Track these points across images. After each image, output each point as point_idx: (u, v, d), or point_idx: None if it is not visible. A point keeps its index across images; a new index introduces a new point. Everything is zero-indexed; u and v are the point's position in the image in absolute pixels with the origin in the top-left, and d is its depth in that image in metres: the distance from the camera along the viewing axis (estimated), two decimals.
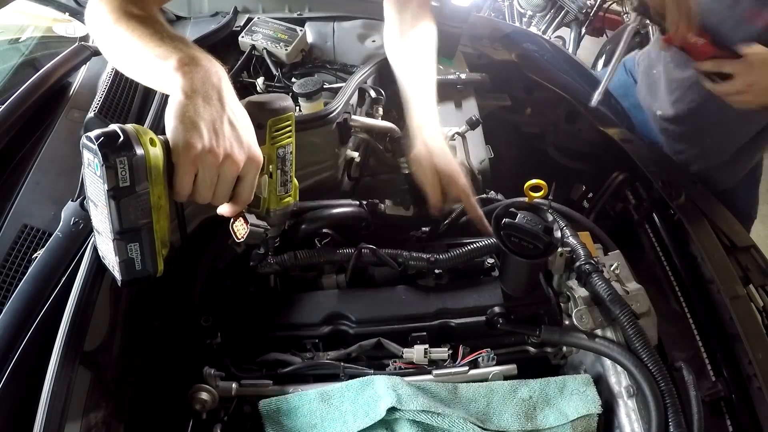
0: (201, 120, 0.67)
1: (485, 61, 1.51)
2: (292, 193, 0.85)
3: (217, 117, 0.69)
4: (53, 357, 0.68)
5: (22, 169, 1.04)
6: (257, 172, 0.74)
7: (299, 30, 1.39)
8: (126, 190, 0.62)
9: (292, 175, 0.83)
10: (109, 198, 0.62)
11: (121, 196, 0.62)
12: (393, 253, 0.95)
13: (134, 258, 0.67)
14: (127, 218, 0.64)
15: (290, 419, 0.80)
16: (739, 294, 1.01)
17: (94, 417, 0.72)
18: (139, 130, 0.64)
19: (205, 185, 0.69)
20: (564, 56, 1.66)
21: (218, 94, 0.70)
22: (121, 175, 0.61)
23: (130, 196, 0.63)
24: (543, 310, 0.94)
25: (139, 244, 0.66)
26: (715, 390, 0.90)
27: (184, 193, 0.68)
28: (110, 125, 0.63)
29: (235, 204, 0.76)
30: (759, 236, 1.37)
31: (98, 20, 0.83)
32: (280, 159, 0.80)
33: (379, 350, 0.92)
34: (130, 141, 0.62)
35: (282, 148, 0.80)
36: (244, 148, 0.71)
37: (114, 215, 0.63)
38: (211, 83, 0.70)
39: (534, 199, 0.87)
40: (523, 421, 0.80)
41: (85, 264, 0.77)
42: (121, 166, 0.61)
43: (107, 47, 0.85)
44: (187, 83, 0.68)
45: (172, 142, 0.66)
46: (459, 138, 1.20)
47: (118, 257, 0.66)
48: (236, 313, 0.92)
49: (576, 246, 0.90)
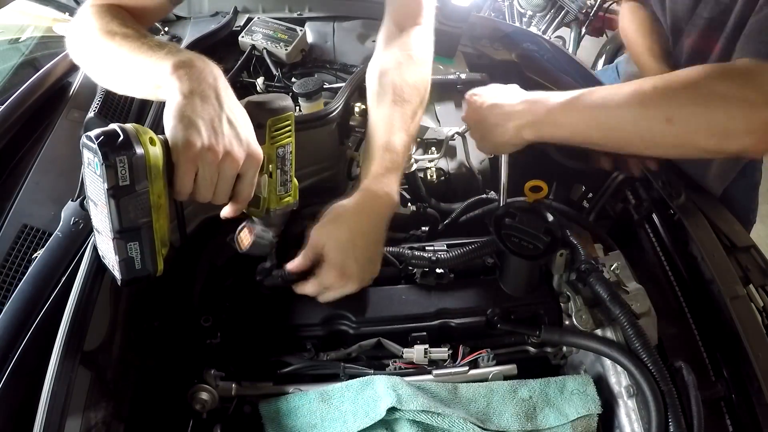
0: (199, 119, 0.67)
1: (485, 61, 1.51)
2: (292, 193, 0.85)
3: (215, 115, 0.69)
4: (53, 357, 0.68)
5: (22, 169, 1.04)
6: (257, 169, 0.75)
7: (299, 30, 1.39)
8: (126, 189, 0.63)
9: (291, 174, 0.84)
10: (109, 197, 0.62)
11: (121, 195, 0.63)
12: (394, 251, 0.95)
13: (134, 257, 0.67)
14: (126, 217, 0.64)
15: (290, 419, 0.80)
16: (739, 294, 1.01)
17: (94, 417, 0.72)
18: (138, 130, 0.64)
19: (205, 183, 0.69)
20: (564, 56, 1.66)
21: (215, 92, 0.71)
22: (120, 174, 0.62)
23: (130, 195, 0.63)
24: (543, 310, 0.94)
25: (139, 243, 0.66)
26: (715, 390, 0.89)
27: (184, 191, 0.68)
28: (110, 125, 0.64)
29: (236, 203, 0.76)
30: (759, 236, 1.37)
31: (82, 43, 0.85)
32: (279, 158, 0.80)
33: (379, 350, 0.92)
34: (130, 140, 0.62)
35: (282, 147, 0.80)
36: (243, 145, 0.71)
37: (114, 214, 0.63)
38: (207, 83, 0.71)
39: (534, 199, 0.87)
40: (523, 421, 0.80)
41: (85, 264, 0.77)
42: (121, 165, 0.61)
43: (94, 68, 0.86)
44: (184, 84, 0.69)
45: (172, 141, 0.67)
46: (459, 138, 1.20)
47: (117, 256, 0.66)
48: (236, 313, 0.92)
49: (576, 246, 0.90)
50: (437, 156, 1.18)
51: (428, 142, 1.21)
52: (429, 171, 1.18)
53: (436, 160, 1.18)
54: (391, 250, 0.95)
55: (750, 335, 0.93)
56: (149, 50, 0.75)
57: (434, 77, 1.33)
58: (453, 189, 1.21)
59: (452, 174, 1.20)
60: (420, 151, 1.21)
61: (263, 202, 0.82)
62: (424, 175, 1.17)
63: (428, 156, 1.19)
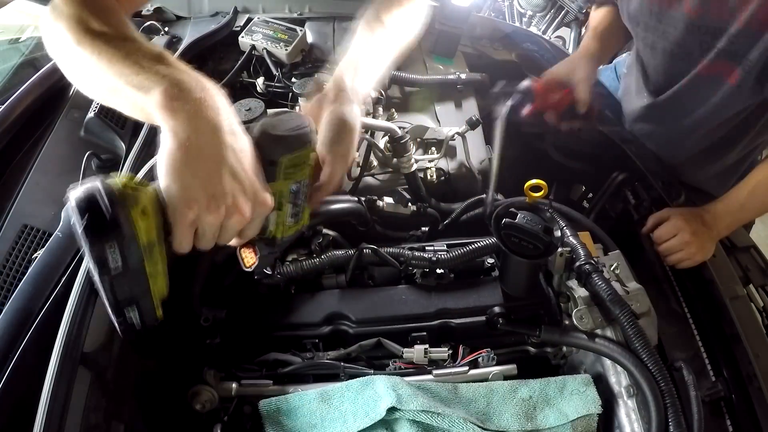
0: (196, 177, 0.58)
1: (485, 61, 1.51)
2: (303, 219, 0.77)
3: (214, 169, 0.59)
4: (53, 357, 0.68)
5: (22, 169, 1.04)
6: (266, 214, 0.67)
7: (299, 30, 1.39)
8: (118, 271, 0.57)
9: (305, 205, 0.75)
10: (102, 280, 0.57)
11: (114, 277, 0.57)
12: (394, 252, 0.95)
13: (133, 321, 0.63)
14: (122, 292, 0.59)
15: (290, 419, 0.80)
16: (739, 294, 1.01)
17: (94, 417, 0.71)
18: (127, 197, 0.55)
19: (206, 239, 0.63)
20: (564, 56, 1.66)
21: (215, 135, 0.60)
22: (112, 258, 0.56)
23: (124, 276, 0.58)
24: (543, 310, 0.94)
25: (137, 308, 0.62)
26: (715, 390, 0.90)
27: (184, 249, 0.62)
28: (96, 183, 0.54)
29: (240, 239, 0.69)
30: (759, 236, 1.37)
31: (57, 42, 0.69)
32: (293, 194, 0.71)
33: (379, 350, 0.92)
34: (118, 220, 0.54)
35: (296, 183, 0.70)
36: (250, 197, 0.63)
37: (109, 293, 0.58)
38: (205, 120, 0.59)
39: (534, 199, 0.87)
40: (523, 421, 0.80)
41: (85, 264, 0.77)
42: (111, 250, 0.55)
43: (73, 73, 0.71)
44: (179, 126, 0.58)
45: (167, 202, 0.59)
46: (459, 138, 1.20)
47: (117, 323, 0.62)
48: (236, 313, 0.92)
49: (576, 246, 0.90)
50: (437, 156, 1.18)
51: (428, 142, 1.21)
52: (429, 171, 1.18)
53: (436, 160, 1.18)
54: (391, 251, 0.95)
55: (750, 335, 0.93)
56: (136, 65, 0.62)
57: (434, 77, 1.34)
58: (453, 189, 1.21)
59: (452, 174, 1.19)
60: (420, 151, 1.21)
61: (270, 232, 0.74)
62: (424, 175, 1.17)
63: (428, 156, 1.19)
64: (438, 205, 1.15)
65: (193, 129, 0.58)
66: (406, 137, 1.09)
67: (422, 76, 1.34)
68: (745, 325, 0.95)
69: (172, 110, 0.58)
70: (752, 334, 0.94)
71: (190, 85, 0.60)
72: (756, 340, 0.93)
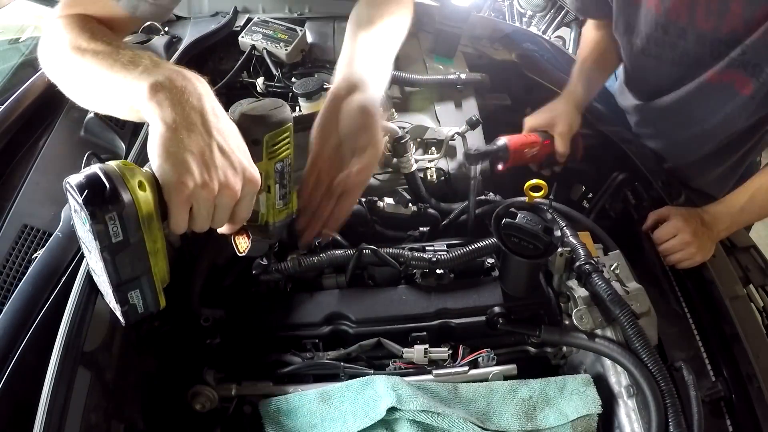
0: (188, 153, 0.61)
1: (485, 61, 1.51)
2: (291, 203, 0.81)
3: (205, 146, 0.63)
4: (53, 357, 0.68)
5: (22, 169, 1.04)
6: (255, 192, 0.70)
7: (299, 30, 1.39)
8: (120, 244, 0.59)
9: (291, 186, 0.79)
10: (103, 255, 0.59)
11: (116, 251, 0.59)
12: (394, 252, 0.95)
13: (136, 303, 0.64)
14: (124, 270, 0.61)
15: (290, 419, 0.80)
16: (739, 294, 1.02)
17: (94, 417, 0.71)
18: (125, 173, 0.58)
19: (201, 218, 0.65)
20: (564, 56, 1.66)
21: (201, 117, 0.64)
22: (112, 231, 0.57)
23: (125, 250, 0.59)
24: (543, 310, 0.94)
25: (140, 290, 0.64)
26: (715, 390, 0.90)
27: (180, 229, 0.65)
28: (92, 167, 0.58)
29: (233, 223, 0.73)
30: (759, 236, 1.37)
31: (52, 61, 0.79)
32: (278, 173, 0.75)
33: (379, 350, 0.92)
34: (117, 191, 0.57)
35: (280, 162, 0.75)
36: (239, 172, 0.66)
37: (111, 270, 0.60)
38: (190, 105, 0.63)
39: (534, 199, 0.87)
40: (523, 421, 0.80)
41: (85, 264, 0.77)
42: (112, 222, 0.57)
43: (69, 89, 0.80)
44: (165, 112, 0.62)
45: (162, 181, 0.61)
46: (459, 138, 1.20)
47: (119, 306, 0.64)
48: (236, 313, 0.92)
49: (576, 246, 0.90)
50: (437, 156, 1.18)
51: (428, 142, 1.21)
52: (429, 171, 1.18)
53: (436, 160, 1.18)
54: (391, 251, 0.95)
55: (750, 335, 0.93)
56: (122, 69, 0.67)
57: (434, 77, 1.34)
58: (453, 189, 1.21)
59: (452, 174, 1.19)
60: (420, 151, 1.21)
61: (261, 217, 0.78)
62: (424, 175, 1.17)
63: (428, 156, 1.19)
64: (438, 205, 1.15)
65: (179, 112, 0.62)
66: (406, 137, 1.09)
67: (422, 75, 1.34)
68: (745, 325, 0.95)
69: (158, 101, 0.62)
70: (752, 334, 0.94)
71: (172, 76, 0.64)
72: (756, 340, 0.93)
